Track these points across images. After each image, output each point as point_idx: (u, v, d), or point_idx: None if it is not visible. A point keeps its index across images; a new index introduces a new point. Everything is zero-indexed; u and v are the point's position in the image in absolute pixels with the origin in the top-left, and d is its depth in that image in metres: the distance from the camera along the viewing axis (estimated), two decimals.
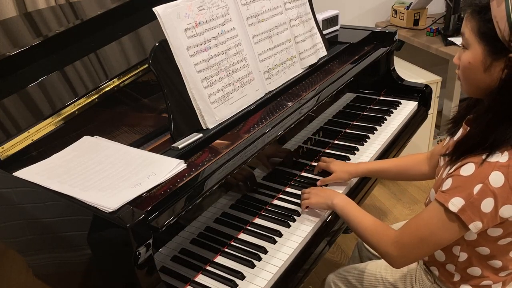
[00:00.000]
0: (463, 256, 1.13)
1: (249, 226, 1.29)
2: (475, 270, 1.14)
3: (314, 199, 1.30)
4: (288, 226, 1.28)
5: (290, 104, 1.44)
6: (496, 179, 0.96)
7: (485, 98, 1.04)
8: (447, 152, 1.10)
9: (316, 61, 1.67)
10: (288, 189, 1.44)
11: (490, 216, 0.98)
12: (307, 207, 1.33)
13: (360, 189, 1.49)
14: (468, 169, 0.99)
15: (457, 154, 1.04)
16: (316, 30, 1.71)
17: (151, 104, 1.54)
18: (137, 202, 0.96)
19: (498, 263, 1.11)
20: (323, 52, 1.73)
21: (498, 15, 0.92)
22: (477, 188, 0.97)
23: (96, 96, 1.33)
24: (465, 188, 0.98)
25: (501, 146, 0.97)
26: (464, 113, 1.17)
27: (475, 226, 0.99)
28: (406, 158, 1.46)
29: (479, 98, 1.09)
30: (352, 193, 1.46)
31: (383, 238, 1.12)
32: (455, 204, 0.98)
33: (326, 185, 1.44)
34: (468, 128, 1.08)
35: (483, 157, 0.98)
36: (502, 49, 0.95)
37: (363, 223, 1.18)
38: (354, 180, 1.49)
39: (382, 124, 1.80)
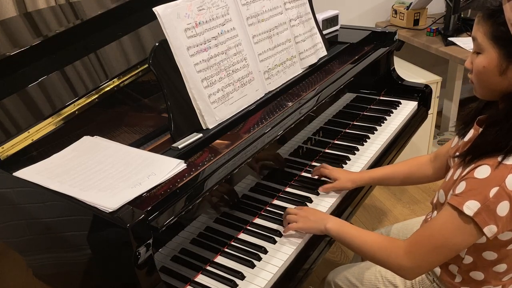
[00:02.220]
0: (468, 259, 1.11)
1: (249, 226, 1.29)
2: (478, 275, 1.12)
3: (304, 224, 1.22)
4: None
5: (290, 104, 1.44)
6: None
7: (501, 100, 1.04)
8: (459, 153, 1.09)
9: (316, 61, 1.67)
10: (288, 189, 1.44)
11: (505, 220, 0.97)
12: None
13: (355, 194, 1.47)
14: (483, 171, 0.97)
15: (473, 156, 1.02)
16: (316, 30, 1.71)
17: (151, 104, 1.54)
18: (137, 202, 0.96)
19: (503, 267, 1.10)
20: (323, 52, 1.73)
21: None
22: (493, 191, 0.95)
23: (96, 96, 1.33)
24: (480, 191, 0.96)
25: None
26: (475, 114, 1.15)
27: (490, 230, 0.97)
28: (409, 162, 1.43)
29: (493, 100, 1.08)
30: (348, 198, 1.45)
31: (393, 250, 1.08)
32: (471, 207, 0.96)
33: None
34: (481, 129, 1.06)
35: (499, 159, 0.96)
36: None
37: (366, 240, 1.14)
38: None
39: (382, 124, 1.80)
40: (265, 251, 1.19)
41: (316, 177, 1.46)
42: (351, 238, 1.16)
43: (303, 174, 1.52)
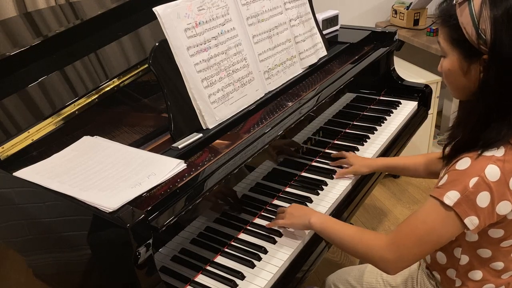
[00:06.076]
0: (464, 259, 1.11)
1: (249, 226, 1.29)
2: (477, 274, 1.12)
3: (288, 219, 1.23)
4: None
5: (290, 104, 1.44)
6: (492, 172, 0.95)
7: (471, 99, 1.05)
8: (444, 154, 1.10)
9: (316, 61, 1.67)
10: (288, 189, 1.44)
11: (486, 212, 0.97)
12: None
13: (355, 194, 1.47)
14: (463, 163, 0.99)
15: (455, 153, 1.04)
16: (316, 30, 1.71)
17: (151, 104, 1.54)
18: (137, 202, 0.96)
19: (500, 265, 1.10)
20: (323, 52, 1.73)
21: (465, 21, 0.96)
22: (473, 181, 0.96)
23: (96, 96, 1.33)
24: (460, 181, 0.97)
25: (495, 145, 0.98)
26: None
27: (471, 221, 0.97)
28: (424, 156, 1.46)
29: (467, 100, 1.09)
30: (348, 198, 1.45)
31: (375, 242, 1.07)
32: (451, 197, 0.97)
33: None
34: None
35: (479, 151, 0.98)
36: (475, 52, 0.97)
37: (347, 233, 1.13)
38: (351, 184, 1.48)
39: (382, 124, 1.80)
40: (265, 251, 1.19)
41: (333, 168, 1.52)
42: (333, 232, 1.16)
43: (303, 174, 1.52)
